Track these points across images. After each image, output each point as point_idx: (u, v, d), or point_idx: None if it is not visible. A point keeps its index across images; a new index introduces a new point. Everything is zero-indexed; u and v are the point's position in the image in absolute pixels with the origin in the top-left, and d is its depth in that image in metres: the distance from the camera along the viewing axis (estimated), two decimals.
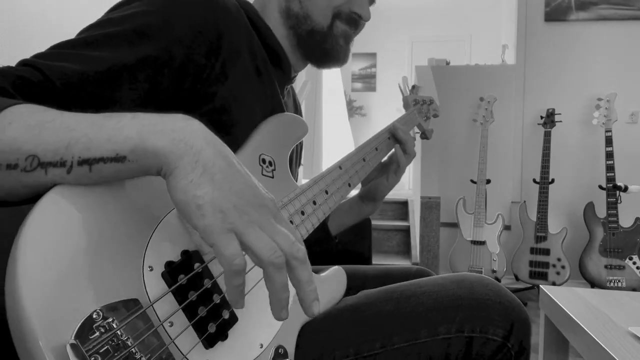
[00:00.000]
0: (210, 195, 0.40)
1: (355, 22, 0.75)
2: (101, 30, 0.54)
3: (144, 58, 0.54)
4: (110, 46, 0.52)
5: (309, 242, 0.70)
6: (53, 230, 0.38)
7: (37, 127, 0.39)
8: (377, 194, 0.90)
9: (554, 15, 3.06)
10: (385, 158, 0.92)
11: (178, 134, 0.41)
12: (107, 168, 0.40)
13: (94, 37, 0.53)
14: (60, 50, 0.51)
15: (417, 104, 1.05)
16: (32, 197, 0.41)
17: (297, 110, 0.91)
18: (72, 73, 0.49)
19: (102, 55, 0.51)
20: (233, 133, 0.62)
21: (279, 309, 0.42)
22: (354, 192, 0.91)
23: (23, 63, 0.49)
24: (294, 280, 0.43)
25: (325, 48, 0.74)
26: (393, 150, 0.90)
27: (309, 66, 0.82)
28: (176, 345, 0.44)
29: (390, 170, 0.89)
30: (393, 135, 0.90)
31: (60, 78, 0.48)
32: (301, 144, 0.86)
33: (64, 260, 0.37)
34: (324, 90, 4.54)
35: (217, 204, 0.40)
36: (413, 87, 1.10)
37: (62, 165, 0.39)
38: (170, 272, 0.45)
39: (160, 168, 0.41)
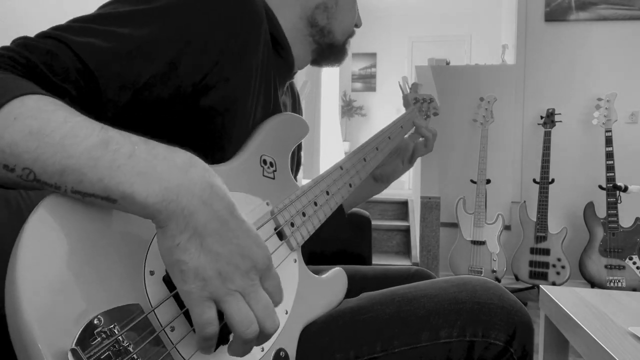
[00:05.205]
0: (195, 261, 0.39)
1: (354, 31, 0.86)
2: (128, 5, 0.53)
3: (170, 37, 0.53)
4: (138, 23, 0.51)
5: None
6: (52, 237, 0.38)
7: (37, 137, 0.38)
8: (391, 177, 0.98)
9: (554, 15, 3.06)
10: (401, 144, 0.98)
11: (171, 193, 0.39)
12: (100, 202, 0.39)
13: (120, 13, 0.52)
14: (85, 24, 0.49)
15: (417, 102, 1.05)
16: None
17: (296, 106, 0.91)
18: (102, 51, 0.48)
19: (130, 33, 0.50)
20: (236, 128, 0.61)
21: (232, 352, 0.44)
22: None
23: (46, 35, 0.47)
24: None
25: (338, 58, 0.84)
26: (406, 136, 0.98)
27: (309, 66, 0.85)
28: (178, 351, 0.44)
29: (406, 157, 0.97)
30: (417, 133, 0.98)
31: (89, 55, 0.47)
32: (300, 144, 0.86)
33: (64, 267, 0.37)
34: (323, 90, 4.54)
35: (200, 272, 0.39)
36: (413, 84, 1.10)
37: (57, 189, 0.39)
38: None
39: (151, 219, 0.40)
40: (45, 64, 0.45)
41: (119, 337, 0.38)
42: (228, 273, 0.41)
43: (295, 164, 0.87)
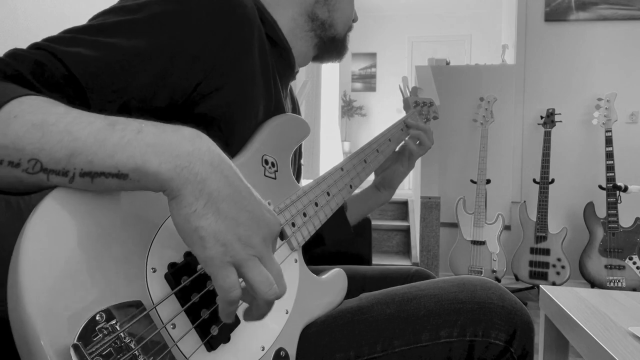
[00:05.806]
0: (213, 226, 0.40)
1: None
2: (115, 17, 0.53)
3: (158, 48, 0.53)
4: (125, 33, 0.51)
5: (325, 231, 0.71)
6: (54, 234, 0.38)
7: (40, 128, 0.38)
8: (394, 182, 0.98)
9: (554, 15, 3.06)
10: (398, 147, 0.98)
11: (182, 160, 0.40)
12: (109, 182, 0.39)
13: (108, 24, 0.52)
14: (74, 35, 0.50)
15: (417, 105, 1.06)
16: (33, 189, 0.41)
17: (296, 111, 0.92)
18: (88, 60, 0.48)
19: (118, 43, 0.50)
20: (236, 132, 0.61)
21: (252, 317, 0.45)
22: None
23: (36, 46, 0.48)
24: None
25: (340, 52, 0.84)
26: (406, 140, 0.97)
27: (309, 66, 0.84)
28: (179, 348, 0.44)
29: (404, 159, 0.97)
30: (410, 128, 0.97)
31: (76, 65, 0.47)
32: (300, 151, 0.87)
33: (66, 264, 0.37)
34: (323, 90, 4.55)
35: (220, 236, 0.40)
36: (413, 88, 1.10)
37: (65, 175, 0.39)
38: (174, 273, 0.45)
39: (163, 190, 0.40)
40: (34, 73, 0.45)
41: (121, 334, 0.38)
42: (248, 238, 0.41)
43: (296, 171, 0.87)
